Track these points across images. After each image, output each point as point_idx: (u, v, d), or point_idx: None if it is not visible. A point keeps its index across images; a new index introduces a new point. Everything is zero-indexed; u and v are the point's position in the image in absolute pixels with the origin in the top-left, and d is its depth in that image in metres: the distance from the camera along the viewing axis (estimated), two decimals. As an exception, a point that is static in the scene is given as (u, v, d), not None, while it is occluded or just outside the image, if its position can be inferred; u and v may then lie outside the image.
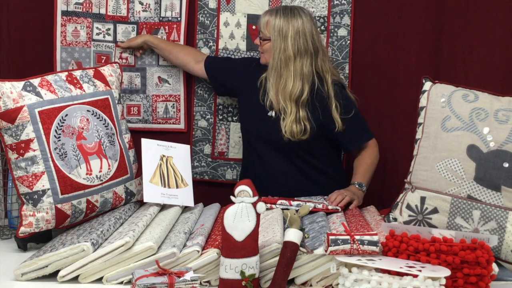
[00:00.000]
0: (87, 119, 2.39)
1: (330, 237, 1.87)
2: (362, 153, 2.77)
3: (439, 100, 2.23)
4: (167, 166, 2.55)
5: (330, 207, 2.46)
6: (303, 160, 2.75)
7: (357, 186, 2.65)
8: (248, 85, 2.83)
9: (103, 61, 3.02)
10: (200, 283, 1.92)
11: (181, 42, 3.04)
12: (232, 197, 1.91)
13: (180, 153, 2.64)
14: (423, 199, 2.17)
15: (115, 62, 2.77)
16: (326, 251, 1.87)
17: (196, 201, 2.58)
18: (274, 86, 2.70)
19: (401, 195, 2.26)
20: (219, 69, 2.93)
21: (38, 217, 2.22)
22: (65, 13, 2.99)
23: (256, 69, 2.82)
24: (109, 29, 3.02)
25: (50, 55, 3.00)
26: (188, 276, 1.83)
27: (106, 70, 2.58)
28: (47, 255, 1.97)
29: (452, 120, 2.18)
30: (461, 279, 1.84)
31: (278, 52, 2.65)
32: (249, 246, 1.85)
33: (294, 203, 2.47)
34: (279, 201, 2.48)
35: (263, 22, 2.69)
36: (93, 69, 2.56)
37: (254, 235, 1.86)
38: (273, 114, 2.74)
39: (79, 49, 3.01)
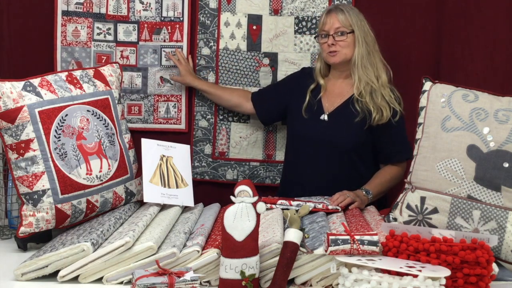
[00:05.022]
0: (87, 119, 2.39)
1: (330, 237, 1.87)
2: (386, 168, 2.79)
3: (439, 100, 2.23)
4: (167, 166, 2.55)
5: (330, 207, 2.46)
6: (352, 163, 2.77)
7: (364, 192, 2.65)
8: (298, 95, 2.86)
9: (103, 61, 3.03)
10: (200, 283, 1.92)
11: (184, 42, 3.05)
12: (232, 197, 1.91)
13: (180, 153, 2.64)
14: (423, 199, 2.17)
15: (115, 62, 2.77)
16: (326, 251, 1.87)
17: (196, 201, 2.58)
18: (365, 76, 2.73)
19: (401, 195, 2.26)
20: (264, 100, 2.99)
21: (38, 217, 2.22)
22: (65, 13, 3.00)
23: (307, 78, 2.89)
24: (109, 28, 3.03)
25: (51, 55, 3.01)
26: (188, 276, 1.83)
27: (106, 70, 2.58)
28: (47, 255, 1.97)
29: (452, 120, 2.18)
30: (461, 279, 1.84)
31: (363, 41, 2.73)
32: (249, 246, 1.85)
33: (294, 203, 2.47)
34: (279, 201, 2.49)
35: (341, 18, 2.73)
36: (93, 69, 2.56)
37: (254, 235, 1.86)
38: (326, 117, 2.79)
39: (79, 49, 3.01)
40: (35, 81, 2.32)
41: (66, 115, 2.33)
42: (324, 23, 2.76)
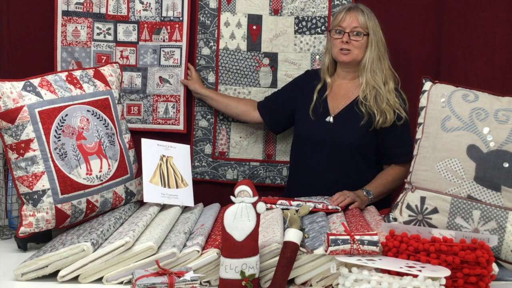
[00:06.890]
0: (87, 119, 2.39)
1: (330, 237, 1.87)
2: (389, 169, 2.80)
3: (439, 100, 2.23)
4: (167, 166, 2.55)
5: (330, 207, 2.46)
6: (357, 165, 2.78)
7: (364, 192, 2.65)
8: (304, 97, 2.87)
9: (103, 61, 3.03)
10: (200, 283, 1.92)
11: (184, 42, 3.05)
12: (232, 197, 1.90)
13: (180, 153, 2.64)
14: (423, 199, 2.17)
15: (115, 62, 2.77)
16: (326, 251, 1.87)
17: (196, 201, 2.58)
18: (373, 81, 2.74)
19: (401, 195, 2.26)
20: (271, 109, 2.99)
21: (38, 217, 2.22)
22: (65, 13, 3.00)
23: (312, 79, 2.90)
24: (109, 28, 3.03)
25: (51, 55, 3.01)
26: (188, 276, 1.83)
27: (106, 70, 2.58)
28: (47, 255, 1.97)
29: (452, 120, 2.18)
30: (461, 279, 1.84)
31: (376, 46, 2.75)
32: (249, 246, 1.84)
33: (294, 203, 2.47)
34: (279, 201, 2.49)
35: (361, 19, 2.74)
36: (93, 69, 2.56)
37: (254, 235, 1.86)
38: (331, 119, 2.79)
39: (79, 49, 3.02)
40: (35, 81, 2.31)
41: (66, 115, 2.33)
42: (342, 20, 2.76)
